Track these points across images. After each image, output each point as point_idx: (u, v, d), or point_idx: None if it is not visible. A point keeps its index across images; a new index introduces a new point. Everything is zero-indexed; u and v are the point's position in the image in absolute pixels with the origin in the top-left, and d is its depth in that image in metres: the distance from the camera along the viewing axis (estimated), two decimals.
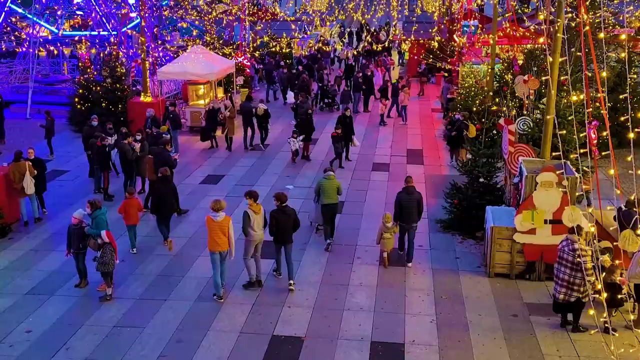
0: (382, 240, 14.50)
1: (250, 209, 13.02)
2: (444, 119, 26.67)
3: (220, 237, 12.71)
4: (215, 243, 12.72)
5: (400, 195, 14.48)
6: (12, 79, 32.24)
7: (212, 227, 12.68)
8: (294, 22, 45.66)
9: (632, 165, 11.27)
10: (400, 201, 14.36)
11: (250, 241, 13.15)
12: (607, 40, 22.66)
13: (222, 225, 12.68)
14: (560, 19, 13.19)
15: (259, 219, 13.08)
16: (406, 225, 14.47)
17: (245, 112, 24.18)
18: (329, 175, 15.52)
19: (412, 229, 14.50)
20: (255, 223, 12.99)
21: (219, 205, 12.73)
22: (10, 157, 17.05)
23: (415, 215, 14.38)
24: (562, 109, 15.85)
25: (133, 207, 14.98)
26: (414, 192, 14.38)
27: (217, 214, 12.63)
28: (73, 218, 13.14)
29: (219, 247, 12.75)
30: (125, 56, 29.80)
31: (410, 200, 14.29)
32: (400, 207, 14.34)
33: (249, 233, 13.03)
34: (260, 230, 13.16)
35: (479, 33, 31.39)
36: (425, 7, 63.08)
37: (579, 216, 12.46)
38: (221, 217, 12.68)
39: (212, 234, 12.69)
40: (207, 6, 39.11)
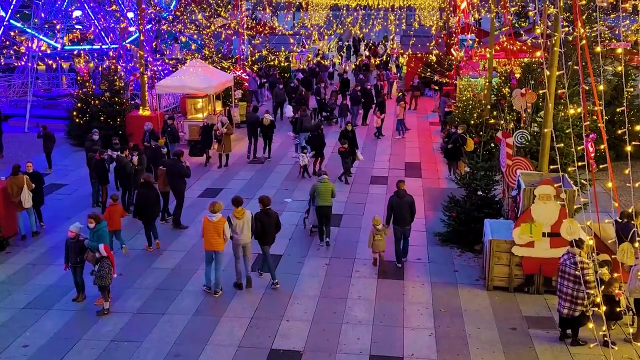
0: (373, 242, 14.91)
1: (233, 214, 13.62)
2: (442, 132, 26.73)
3: (215, 237, 13.34)
4: (210, 243, 13.42)
5: (392, 198, 15.01)
6: (10, 93, 32.30)
7: (207, 227, 13.31)
8: (292, 36, 45.88)
9: (630, 178, 11.30)
10: (393, 204, 14.88)
11: (236, 245, 13.77)
12: (604, 54, 22.78)
13: (217, 226, 13.28)
14: (557, 32, 13.26)
15: (241, 223, 13.61)
16: (400, 228, 14.93)
17: (251, 122, 24.64)
18: (323, 179, 16.37)
19: (406, 232, 15.05)
20: (237, 227, 13.58)
21: (216, 207, 13.37)
22: (8, 171, 17.03)
23: (407, 217, 14.90)
24: (559, 122, 15.90)
25: (116, 212, 15.38)
26: (405, 196, 14.91)
27: (213, 215, 13.27)
28: (69, 232, 13.11)
29: (212, 247, 13.43)
30: (124, 70, 29.89)
31: (402, 203, 14.81)
32: (393, 210, 14.84)
33: (232, 237, 13.64)
34: (243, 233, 13.67)
35: (477, 47, 31.55)
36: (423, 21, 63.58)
37: (577, 229, 12.46)
38: (217, 217, 13.29)
39: (207, 234, 13.34)
40: (206, 20, 39.30)
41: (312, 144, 22.19)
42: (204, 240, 13.54)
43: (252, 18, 48.87)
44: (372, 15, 64.28)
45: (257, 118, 24.64)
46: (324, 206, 16.16)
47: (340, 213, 18.59)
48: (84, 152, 21.21)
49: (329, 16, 68.04)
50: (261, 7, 53.61)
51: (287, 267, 15.04)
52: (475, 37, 33.48)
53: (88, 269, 13.16)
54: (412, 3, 75.12)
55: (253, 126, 24.38)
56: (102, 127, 24.71)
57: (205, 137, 23.33)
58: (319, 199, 16.15)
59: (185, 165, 17.63)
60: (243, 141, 26.79)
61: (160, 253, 15.81)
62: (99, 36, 32.16)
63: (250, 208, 18.83)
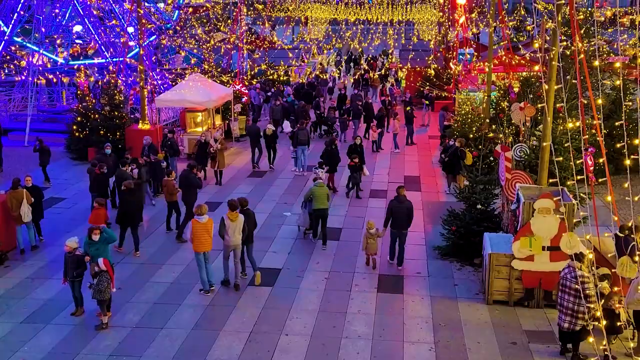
0: (366, 245, 15.57)
1: (227, 216, 14.17)
2: (440, 146, 26.78)
3: (206, 237, 13.97)
4: (201, 244, 13.95)
5: (392, 203, 15.67)
6: (11, 107, 32.37)
7: (197, 228, 13.88)
8: (292, 50, 46.05)
9: (629, 191, 11.30)
10: (392, 208, 15.51)
11: (227, 245, 14.29)
12: (602, 68, 22.88)
13: (207, 226, 14.00)
14: (555, 47, 13.33)
15: (234, 225, 14.13)
16: (397, 231, 15.53)
17: (252, 134, 25.06)
18: (319, 183, 17.23)
19: (402, 235, 15.57)
20: (230, 229, 14.10)
21: (203, 209, 14.08)
22: (8, 185, 17.04)
23: (405, 222, 15.51)
24: (558, 136, 15.95)
25: (100, 216, 15.86)
26: (404, 201, 15.55)
27: (201, 216, 13.92)
28: (65, 246, 13.01)
29: (203, 248, 14.01)
30: (124, 84, 29.98)
31: (401, 208, 15.44)
32: (392, 213, 15.44)
33: (224, 237, 14.18)
34: (235, 236, 14.17)
35: (475, 61, 31.69)
36: (422, 35, 63.88)
37: (577, 243, 12.44)
38: (205, 219, 13.97)
39: (198, 234, 13.89)
40: (206, 35, 39.48)
41: (326, 159, 21.82)
42: (195, 242, 13.96)
43: (252, 32, 49.07)
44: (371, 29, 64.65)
45: (257, 129, 25.16)
46: (321, 209, 16.90)
47: (339, 227, 18.58)
48: (83, 166, 21.23)
49: (328, 30, 68.37)
50: (260, 22, 53.88)
51: (287, 281, 15.01)
52: (474, 51, 33.65)
53: (86, 282, 13.13)
54: (411, 17, 75.57)
55: (255, 137, 24.85)
56: (101, 141, 24.80)
57: (201, 154, 22.75)
58: (315, 202, 16.83)
59: (197, 177, 18.01)
60: (242, 154, 26.85)
61: (160, 267, 15.78)
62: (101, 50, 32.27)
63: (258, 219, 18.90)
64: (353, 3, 79.72)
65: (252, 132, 25.31)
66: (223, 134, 28.64)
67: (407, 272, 15.51)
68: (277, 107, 30.43)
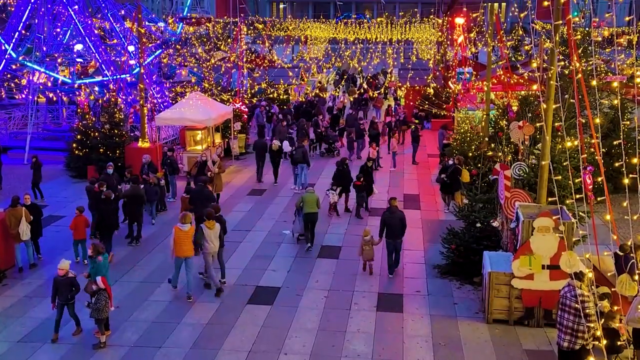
0: (363, 251, 16.35)
1: (205, 225, 14.99)
2: (440, 164, 26.81)
3: (187, 244, 14.75)
4: (182, 250, 14.72)
5: (385, 214, 16.39)
6: (11, 125, 32.45)
7: (180, 235, 14.70)
8: (292, 69, 46.26)
9: (628, 210, 11.30)
10: (385, 219, 16.18)
11: (207, 253, 15.05)
12: (600, 88, 23.00)
13: (188, 234, 14.81)
14: (553, 66, 13.42)
15: (212, 233, 15.02)
16: (391, 241, 16.12)
17: (258, 148, 25.66)
18: (309, 190, 18.83)
19: (397, 244, 16.25)
20: (208, 236, 14.96)
21: (187, 218, 14.97)
22: (7, 203, 17.04)
23: (398, 231, 16.16)
24: (557, 155, 15.99)
25: (81, 223, 16.91)
26: (396, 211, 16.27)
27: (184, 225, 14.75)
28: (59, 269, 12.84)
29: (185, 254, 14.76)
30: (124, 102, 30.09)
31: (394, 218, 16.10)
32: (385, 224, 16.08)
33: (203, 245, 14.95)
34: (214, 243, 15.06)
35: (474, 80, 31.85)
36: (421, 54, 64.26)
37: (576, 261, 12.42)
38: (188, 227, 14.83)
39: (180, 241, 14.68)
40: (206, 54, 39.71)
41: (337, 179, 21.63)
42: (176, 248, 14.69)
43: (252, 51, 49.32)
44: (371, 48, 65.03)
45: (264, 144, 25.83)
46: (311, 213, 18.06)
47: (339, 245, 18.56)
48: (82, 184, 21.23)
49: (327, 49, 68.76)
50: (260, 41, 54.21)
51: (286, 300, 14.96)
52: (473, 70, 33.80)
53: (81, 299, 13.08)
54: (410, 37, 76.05)
55: (260, 152, 25.46)
56: (101, 159, 24.85)
57: (200, 175, 22.13)
58: (305, 207, 18.00)
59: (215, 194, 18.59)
60: (242, 172, 26.88)
61: (158, 285, 15.74)
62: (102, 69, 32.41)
63: (252, 239, 18.92)
64: (352, 22, 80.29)
65: (258, 147, 25.83)
66: (222, 152, 28.71)
67: (407, 290, 15.47)
68: (283, 129, 30.14)
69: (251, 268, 16.82)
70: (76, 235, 16.92)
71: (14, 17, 31.58)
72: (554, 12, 12.94)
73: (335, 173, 21.92)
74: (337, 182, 21.56)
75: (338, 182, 21.55)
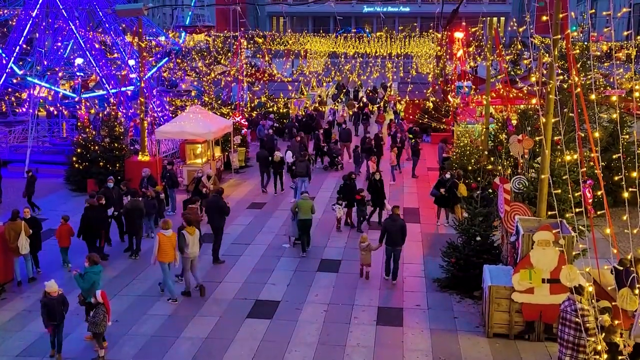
0: (360, 257, 16.97)
1: (186, 231, 15.49)
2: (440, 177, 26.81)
3: (170, 249, 15.33)
4: (166, 254, 15.27)
5: (387, 221, 17.10)
6: (11, 139, 32.49)
7: (163, 241, 15.23)
8: (291, 83, 46.40)
9: (628, 224, 11.30)
10: (386, 226, 16.74)
11: (186, 258, 15.59)
12: (599, 101, 23.06)
13: (171, 239, 15.37)
14: (552, 80, 13.46)
15: (193, 239, 15.59)
16: (391, 248, 16.59)
17: (261, 159, 26.17)
18: (304, 196, 19.29)
19: (396, 252, 16.64)
20: (189, 242, 15.48)
21: (169, 224, 15.55)
22: (6, 216, 17.03)
23: (399, 239, 16.59)
24: (556, 168, 16.00)
25: (65, 231, 17.41)
26: (398, 220, 16.77)
27: (167, 231, 15.33)
28: (51, 292, 12.59)
29: (168, 258, 15.35)
30: (124, 116, 30.16)
31: (395, 226, 16.57)
32: (387, 231, 16.58)
33: (184, 251, 15.46)
34: (194, 248, 15.60)
35: (473, 94, 31.93)
36: (420, 68, 64.46)
37: (576, 275, 12.38)
38: (171, 232, 15.39)
39: (164, 247, 15.22)
40: (206, 68, 39.85)
41: (343, 193, 21.47)
42: (161, 254, 15.21)
43: (252, 65, 49.50)
44: (370, 62, 65.28)
45: (267, 155, 26.13)
46: (305, 219, 18.69)
47: (338, 259, 18.53)
48: (82, 198, 21.22)
49: (327, 63, 68.98)
50: (260, 55, 54.43)
51: (285, 314, 14.91)
52: (472, 84, 33.91)
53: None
54: (410, 51, 76.32)
55: (264, 162, 25.98)
56: (101, 172, 24.87)
57: (197, 191, 22.01)
58: (300, 213, 18.64)
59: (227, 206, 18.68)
60: (241, 186, 26.88)
61: (157, 299, 15.70)
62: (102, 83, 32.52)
63: (252, 252, 18.89)
64: (352, 37, 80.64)
65: (261, 158, 26.26)
66: (222, 166, 28.74)
67: (407, 304, 15.43)
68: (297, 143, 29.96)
69: (251, 282, 16.79)
70: (61, 243, 17.59)
71: (15, 31, 31.73)
72: (553, 27, 13.01)
73: (341, 187, 21.85)
74: (344, 196, 21.42)
75: (344, 196, 21.42)
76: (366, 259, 16.94)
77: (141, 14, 24.45)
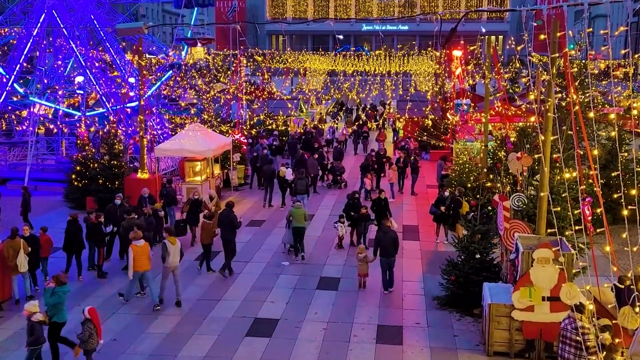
0: (357, 266, 17.57)
1: (168, 240, 16.10)
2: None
3: (144, 259, 15.92)
4: (141, 264, 15.88)
5: (378, 234, 17.63)
6: (10, 157, 32.51)
7: (136, 251, 15.83)
8: (291, 100, 46.54)
9: (628, 242, 11.29)
10: (379, 238, 17.32)
11: (167, 267, 16.08)
12: (597, 119, 23.14)
13: (144, 249, 15.98)
14: (551, 98, 13.52)
15: (174, 249, 16.09)
16: (385, 259, 17.10)
17: (267, 173, 26.86)
18: (297, 205, 20.14)
19: (391, 262, 17.17)
20: (171, 251, 15.98)
21: (138, 234, 16.06)
22: (5, 234, 16.99)
23: (391, 250, 17.10)
24: (555, 186, 16.01)
25: (45, 242, 17.54)
26: (389, 232, 17.29)
27: (138, 241, 15.88)
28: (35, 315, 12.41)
29: (143, 268, 15.95)
30: (124, 134, 30.21)
31: (387, 238, 17.10)
32: (379, 243, 17.15)
33: (166, 260, 15.97)
34: (175, 258, 16.15)
35: (472, 111, 32.03)
36: (419, 86, 64.75)
37: (577, 293, 12.36)
38: (142, 242, 15.98)
39: (138, 257, 15.82)
40: (205, 85, 39.99)
41: (348, 211, 21.28)
42: (136, 264, 15.77)
43: (251, 83, 49.63)
44: (369, 80, 65.56)
45: (272, 170, 26.95)
46: (298, 227, 19.67)
47: (337, 276, 18.47)
48: (81, 216, 21.09)
49: (326, 81, 69.24)
50: (260, 73, 54.65)
51: (285, 332, 14.84)
52: (471, 102, 34.02)
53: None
54: (408, 69, 76.66)
55: (269, 177, 26.63)
56: (100, 190, 24.87)
57: (192, 213, 21.25)
58: (294, 222, 19.60)
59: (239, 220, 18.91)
60: (241, 204, 26.85)
61: (156, 317, 15.62)
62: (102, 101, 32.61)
63: (251, 270, 18.83)
64: (351, 55, 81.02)
65: (267, 173, 26.85)
66: (222, 183, 28.73)
67: (406, 322, 15.35)
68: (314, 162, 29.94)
69: (250, 299, 16.72)
70: (41, 253, 17.57)
71: (16, 50, 31.88)
72: (551, 45, 13.09)
73: (346, 205, 21.81)
74: (347, 214, 21.25)
75: (347, 215, 21.28)
76: (363, 269, 17.45)
77: (141, 33, 24.51)
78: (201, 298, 16.68)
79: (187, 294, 17.07)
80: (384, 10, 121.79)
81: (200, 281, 17.96)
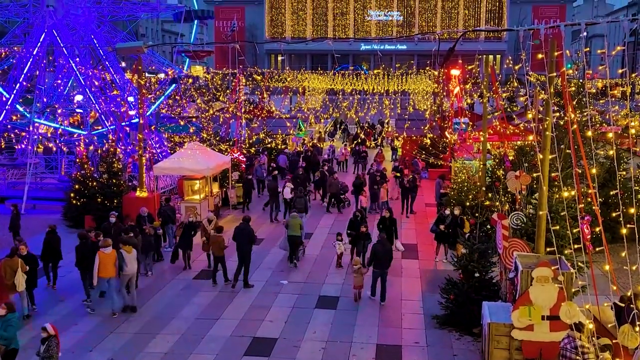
0: (353, 278, 17.93)
1: (124, 250, 16.86)
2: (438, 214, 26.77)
3: (110, 266, 16.60)
4: (107, 270, 16.58)
5: (375, 245, 18.01)
6: (9, 175, 32.51)
7: (103, 257, 16.53)
8: (289, 119, 46.69)
9: (627, 260, 11.28)
10: (376, 250, 17.71)
11: (125, 274, 16.88)
12: (595, 138, 23.20)
13: (111, 257, 16.67)
14: (549, 117, 13.57)
15: (130, 257, 16.88)
16: (379, 270, 17.57)
17: (271, 190, 27.63)
18: (294, 215, 21.79)
19: (384, 274, 17.66)
20: (127, 259, 16.80)
21: (107, 242, 16.83)
22: (3, 253, 16.93)
23: (386, 262, 17.67)
24: (554, 205, 16.01)
25: None
26: (385, 244, 17.95)
27: (106, 249, 16.62)
28: None
29: (108, 274, 16.64)
30: (123, 152, 30.24)
31: (384, 250, 17.64)
32: (375, 255, 17.59)
33: (123, 268, 16.77)
34: (132, 265, 16.95)
35: (470, 130, 32.13)
36: (417, 105, 65.00)
37: (576, 312, 12.32)
38: (109, 250, 16.69)
39: (104, 263, 16.50)
40: (205, 104, 40.13)
41: (351, 229, 21.17)
42: (101, 269, 16.43)
43: (250, 102, 49.86)
44: (368, 99, 65.79)
45: (276, 186, 27.56)
46: (294, 235, 20.86)
47: (336, 295, 18.40)
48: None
49: (325, 100, 69.51)
50: (259, 92, 54.87)
51: (283, 351, 14.74)
52: (469, 121, 34.13)
53: None
54: (407, 88, 77.00)
55: (274, 194, 27.38)
56: (98, 208, 24.83)
57: (185, 238, 20.76)
58: (289, 230, 20.81)
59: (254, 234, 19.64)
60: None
61: (154, 337, 15.52)
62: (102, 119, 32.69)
63: (249, 289, 18.75)
64: (349, 74, 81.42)
65: (271, 189, 27.62)
66: (220, 202, 28.72)
67: (405, 341, 15.27)
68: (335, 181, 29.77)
69: (248, 319, 16.63)
70: None
71: (16, 69, 32.01)
72: (548, 65, 13.17)
73: (349, 224, 21.74)
74: (351, 231, 21.18)
75: (349, 233, 21.25)
76: (358, 281, 17.77)
77: (141, 52, 24.62)
78: (199, 317, 16.59)
79: (185, 313, 16.99)
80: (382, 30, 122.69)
81: (198, 300, 17.87)
